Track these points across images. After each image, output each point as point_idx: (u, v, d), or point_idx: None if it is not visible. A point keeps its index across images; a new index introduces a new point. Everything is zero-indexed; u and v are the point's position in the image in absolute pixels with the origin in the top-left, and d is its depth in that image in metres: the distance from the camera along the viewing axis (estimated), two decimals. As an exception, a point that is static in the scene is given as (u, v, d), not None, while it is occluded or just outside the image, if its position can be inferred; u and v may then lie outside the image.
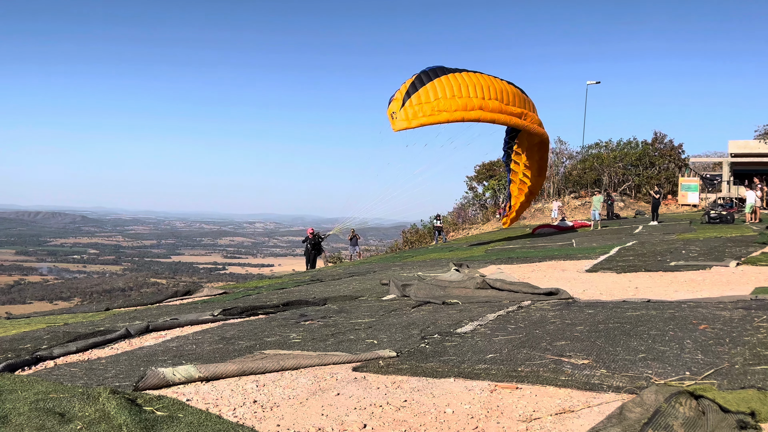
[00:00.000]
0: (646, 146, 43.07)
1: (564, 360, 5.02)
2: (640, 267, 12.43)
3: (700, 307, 7.27)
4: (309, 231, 24.93)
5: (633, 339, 5.67)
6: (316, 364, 5.24)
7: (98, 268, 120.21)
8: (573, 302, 8.34)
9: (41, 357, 6.05)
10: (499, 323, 6.87)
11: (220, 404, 4.26)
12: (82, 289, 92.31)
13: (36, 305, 75.17)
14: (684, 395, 3.53)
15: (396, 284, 10.38)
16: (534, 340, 5.86)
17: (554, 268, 13.33)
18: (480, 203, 46.41)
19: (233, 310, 8.80)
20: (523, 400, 4.09)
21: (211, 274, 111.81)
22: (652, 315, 6.88)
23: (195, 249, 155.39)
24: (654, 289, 9.57)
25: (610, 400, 3.94)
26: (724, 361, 4.75)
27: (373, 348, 5.90)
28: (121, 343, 6.88)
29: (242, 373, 4.97)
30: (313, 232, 24.60)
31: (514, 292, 9.26)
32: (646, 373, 4.52)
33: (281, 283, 14.93)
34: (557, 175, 42.85)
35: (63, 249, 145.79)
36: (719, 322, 6.30)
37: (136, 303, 11.78)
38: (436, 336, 6.31)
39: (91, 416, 3.83)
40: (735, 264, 12.00)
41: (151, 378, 4.65)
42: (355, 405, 4.17)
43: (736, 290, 8.89)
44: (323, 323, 7.60)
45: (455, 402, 4.13)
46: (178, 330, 7.67)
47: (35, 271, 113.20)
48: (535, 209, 41.50)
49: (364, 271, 16.77)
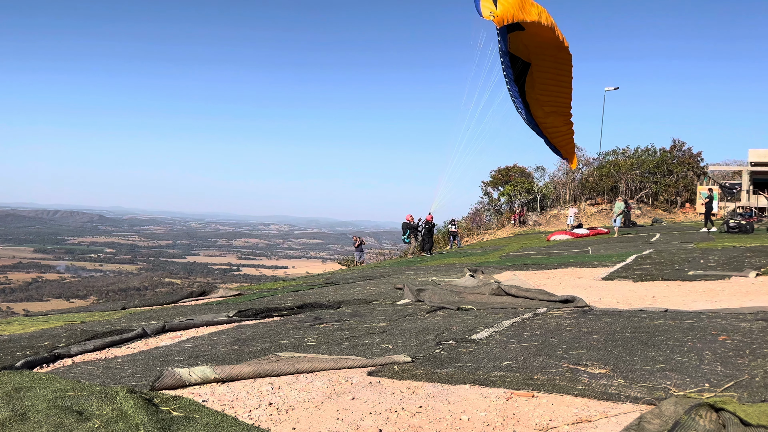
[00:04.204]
0: (664, 154, 42.69)
1: (581, 369, 4.98)
2: (657, 276, 12.30)
3: (720, 318, 7.17)
4: (428, 217, 25.82)
5: (651, 349, 5.61)
6: (331, 367, 5.24)
7: (114, 267, 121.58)
8: (589, 310, 8.27)
9: (59, 355, 6.12)
10: (515, 330, 6.83)
11: (236, 406, 4.28)
12: (99, 287, 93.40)
13: (53, 303, 76.17)
14: (704, 407, 3.48)
15: (410, 289, 10.37)
16: (550, 348, 5.82)
17: (570, 276, 13.23)
18: (495, 208, 46.24)
19: (248, 311, 8.84)
20: (539, 408, 4.05)
21: (226, 275, 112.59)
22: (670, 325, 6.80)
23: (210, 250, 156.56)
24: (672, 298, 9.46)
25: (628, 411, 3.90)
26: (744, 373, 4.68)
27: (387, 353, 5.90)
28: (138, 343, 6.94)
29: (258, 375, 4.98)
30: (417, 219, 25.68)
31: (530, 299, 9.20)
32: (664, 384, 4.47)
33: (295, 286, 14.98)
34: (573, 181, 42.56)
35: (80, 248, 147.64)
36: (739, 333, 6.20)
37: (151, 303, 11.88)
38: (451, 342, 6.29)
39: (109, 415, 3.87)
40: (755, 274, 11.82)
41: (167, 378, 4.68)
42: (370, 410, 4.16)
43: (756, 301, 8.75)
44: (338, 326, 7.61)
45: (471, 409, 4.10)
46: (193, 330, 7.72)
47: (53, 269, 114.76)
48: (550, 216, 41.25)
49: (378, 275, 16.77)
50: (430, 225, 26.41)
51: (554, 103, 21.64)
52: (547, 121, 21.72)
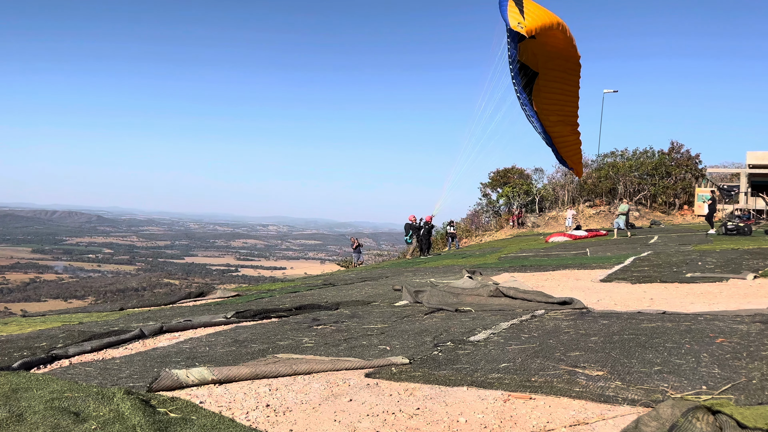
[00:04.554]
0: (662, 156, 42.72)
1: (578, 371, 4.98)
2: (655, 278, 12.31)
3: (717, 320, 7.18)
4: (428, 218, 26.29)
5: (648, 351, 5.61)
6: (329, 369, 5.24)
7: (112, 268, 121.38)
8: (587, 312, 8.27)
9: (57, 356, 6.11)
10: (513, 332, 6.84)
11: (233, 407, 4.27)
12: (97, 288, 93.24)
13: (51, 303, 76.04)
14: (701, 410, 3.48)
15: (409, 290, 10.37)
16: (548, 349, 5.82)
17: (568, 277, 13.24)
18: (494, 210, 46.24)
19: (246, 312, 8.83)
20: (536, 410, 4.06)
21: (224, 276, 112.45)
22: (668, 327, 6.80)
23: (208, 250, 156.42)
24: (669, 300, 9.47)
25: (625, 413, 3.90)
26: (741, 375, 4.69)
27: (385, 354, 5.90)
28: (135, 344, 6.93)
29: (255, 377, 4.98)
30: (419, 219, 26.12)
31: (528, 300, 9.21)
32: (661, 386, 4.47)
33: (294, 287, 14.97)
34: (572, 183, 42.60)
35: (78, 248, 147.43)
36: (736, 335, 6.21)
37: (149, 303, 11.87)
38: (449, 343, 6.29)
39: (106, 416, 3.86)
40: (752, 277, 11.84)
41: (164, 379, 4.68)
42: (367, 411, 4.16)
43: (754, 303, 8.77)
44: (336, 328, 7.61)
45: (468, 411, 4.11)
46: (191, 331, 7.71)
47: (51, 269, 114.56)
48: (549, 217, 41.28)
49: (377, 276, 16.77)
50: (429, 226, 26.62)
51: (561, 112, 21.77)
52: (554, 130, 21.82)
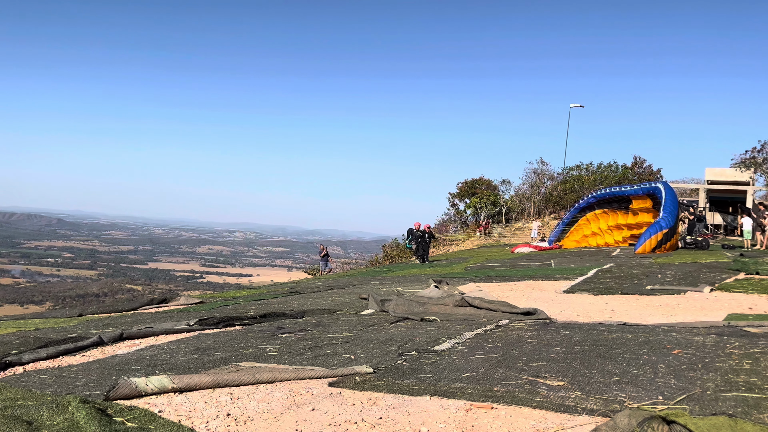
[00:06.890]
0: (626, 170, 43.79)
1: (540, 381, 5.04)
2: (616, 289, 12.56)
3: (674, 332, 7.36)
4: (426, 226, 27.62)
5: (608, 362, 5.72)
6: (292, 378, 5.20)
7: (73, 273, 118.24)
8: (550, 323, 8.39)
9: (10, 363, 5.91)
10: (477, 342, 6.89)
11: (193, 416, 4.20)
12: (55, 293, 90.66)
13: (6, 308, 73.55)
14: (656, 420, 3.56)
15: (375, 299, 10.36)
16: (510, 359, 5.88)
17: (532, 288, 13.41)
18: (461, 220, 46.63)
19: (209, 320, 8.70)
20: (498, 420, 4.09)
21: (189, 282, 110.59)
22: (628, 338, 6.95)
23: (173, 256, 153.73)
24: (630, 312, 9.67)
25: (584, 423, 3.96)
26: (696, 386, 4.81)
27: (350, 363, 5.88)
28: (94, 351, 6.76)
29: (216, 385, 4.90)
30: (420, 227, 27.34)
31: (493, 310, 9.29)
32: (620, 396, 4.56)
33: (259, 294, 14.81)
34: (538, 195, 43.26)
35: (37, 252, 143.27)
36: (692, 347, 6.38)
37: (110, 310, 11.58)
38: (414, 353, 6.30)
39: (60, 425, 3.76)
40: (709, 290, 12.19)
41: (122, 388, 4.57)
42: (330, 421, 4.14)
43: (710, 316, 9.02)
44: (300, 336, 7.55)
45: (430, 420, 4.12)
46: (152, 339, 7.56)
47: (7, 273, 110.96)
48: (515, 228, 41.81)
49: (343, 284, 16.72)
50: (428, 234, 28.03)
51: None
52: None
